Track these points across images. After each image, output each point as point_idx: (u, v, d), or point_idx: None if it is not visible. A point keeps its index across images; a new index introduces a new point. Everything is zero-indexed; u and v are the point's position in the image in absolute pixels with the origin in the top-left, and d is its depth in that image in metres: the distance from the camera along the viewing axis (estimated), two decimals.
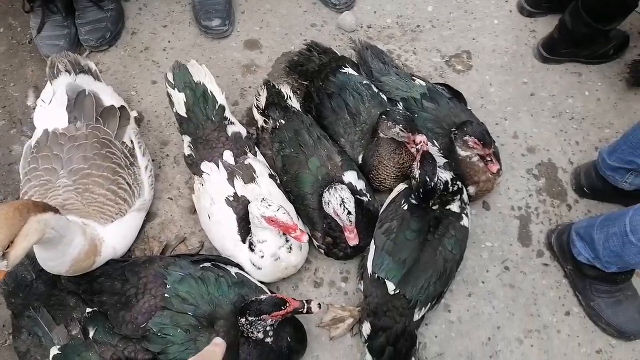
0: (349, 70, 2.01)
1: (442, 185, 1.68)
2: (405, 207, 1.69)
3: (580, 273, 1.78)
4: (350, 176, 1.76)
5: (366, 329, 1.60)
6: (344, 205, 1.59)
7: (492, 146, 1.74)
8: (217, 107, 1.84)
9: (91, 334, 1.47)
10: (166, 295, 1.49)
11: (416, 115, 1.87)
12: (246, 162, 1.76)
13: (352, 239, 1.62)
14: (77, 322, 1.49)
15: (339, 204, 1.60)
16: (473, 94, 2.24)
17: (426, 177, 1.62)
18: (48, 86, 1.78)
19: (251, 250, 1.64)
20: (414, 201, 1.69)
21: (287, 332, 1.51)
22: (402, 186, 1.79)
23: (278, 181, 1.81)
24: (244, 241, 1.66)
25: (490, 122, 2.12)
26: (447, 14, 2.47)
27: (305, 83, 2.11)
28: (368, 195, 1.78)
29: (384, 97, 1.96)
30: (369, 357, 1.59)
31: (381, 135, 1.75)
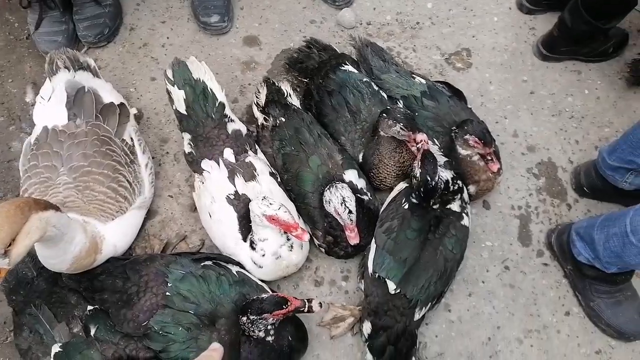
0: (349, 67, 2.00)
1: (443, 184, 1.68)
2: (406, 206, 1.69)
3: (580, 273, 1.79)
4: (351, 175, 1.76)
5: (367, 328, 1.60)
6: (345, 204, 1.59)
7: (493, 145, 1.74)
8: (217, 105, 1.83)
9: (92, 331, 1.47)
10: (167, 294, 1.49)
11: (416, 114, 1.87)
12: (247, 160, 1.76)
13: (352, 238, 1.62)
14: (79, 320, 1.49)
15: (340, 202, 1.60)
16: (473, 92, 2.24)
17: (427, 176, 1.62)
18: (47, 83, 1.77)
19: (252, 249, 1.63)
20: (414, 200, 1.69)
21: (288, 331, 1.52)
22: (402, 185, 1.79)
23: (279, 179, 1.81)
24: (245, 239, 1.66)
25: (490, 121, 2.12)
26: (447, 10, 2.46)
27: (305, 80, 2.10)
28: (369, 194, 1.78)
29: (384, 95, 1.95)
30: (369, 357, 1.59)
31: (382, 133, 1.75)
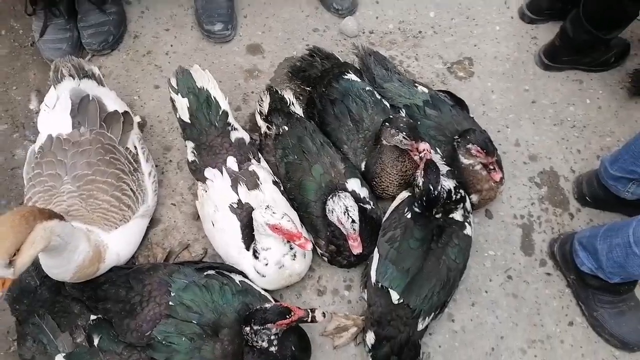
0: (351, 76, 2.01)
1: (445, 193, 1.68)
2: (409, 215, 1.69)
3: (583, 283, 1.78)
4: (354, 184, 1.76)
5: (370, 338, 1.59)
6: (348, 214, 1.59)
7: (495, 154, 1.75)
8: (220, 113, 1.83)
9: (96, 341, 1.46)
10: (171, 303, 1.48)
11: (419, 123, 1.87)
12: (250, 169, 1.76)
13: (355, 247, 1.62)
14: (82, 330, 1.48)
15: (343, 212, 1.60)
16: (475, 100, 2.24)
17: (430, 186, 1.62)
18: (52, 91, 1.77)
19: (255, 258, 1.63)
20: (417, 209, 1.69)
21: (291, 341, 1.51)
22: (404, 194, 1.79)
23: (282, 188, 1.81)
24: (248, 248, 1.66)
25: (492, 130, 2.12)
26: (449, 20, 2.47)
27: (308, 89, 2.11)
28: (371, 202, 1.78)
29: (386, 104, 1.96)
30: None
31: (384, 142, 1.75)
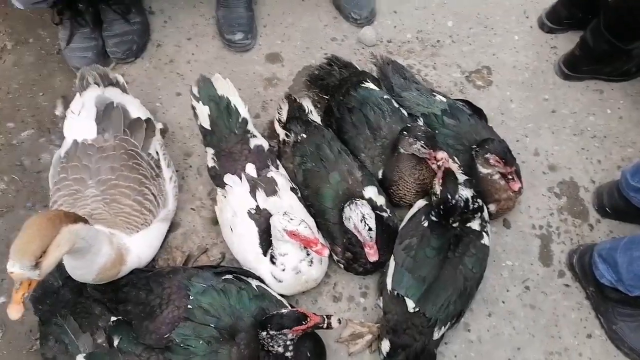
0: (369, 85, 2.02)
1: (463, 202, 1.68)
2: (426, 223, 1.69)
3: (602, 295, 1.76)
4: (371, 191, 1.77)
5: (385, 346, 1.59)
6: (365, 221, 1.60)
7: (514, 164, 1.74)
8: (240, 120, 1.86)
9: (116, 342, 1.49)
10: (189, 307, 1.50)
11: (437, 132, 1.88)
12: (268, 175, 1.78)
13: (372, 255, 1.62)
14: (103, 331, 1.51)
15: (359, 219, 1.61)
16: (493, 110, 2.24)
17: (447, 194, 1.63)
18: (77, 98, 1.81)
19: (272, 263, 1.65)
20: (434, 218, 1.69)
21: (307, 347, 1.52)
22: (421, 202, 1.79)
23: (299, 195, 1.82)
24: (265, 254, 1.67)
25: (510, 139, 2.11)
26: (467, 29, 2.48)
27: (326, 97, 2.13)
28: (388, 210, 1.78)
29: (404, 113, 1.97)
30: None
31: (402, 151, 1.76)
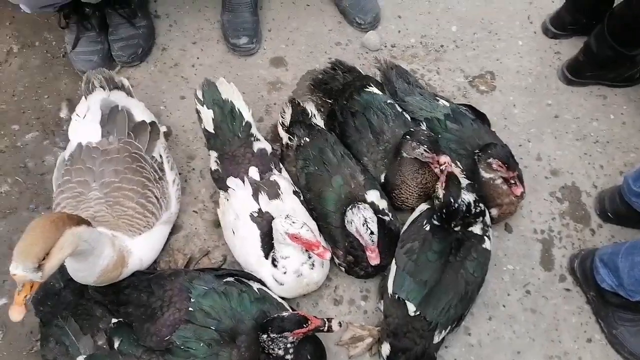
0: (373, 89, 2.03)
1: (465, 206, 1.69)
2: (428, 227, 1.69)
3: (603, 300, 1.76)
4: (373, 195, 1.78)
5: (385, 349, 1.60)
6: (367, 225, 1.61)
7: (516, 169, 1.74)
8: (243, 124, 1.87)
9: (116, 344, 1.49)
10: (190, 309, 1.51)
11: (440, 136, 1.88)
12: (271, 179, 1.79)
13: (373, 258, 1.63)
14: (104, 333, 1.52)
15: (361, 223, 1.61)
16: (496, 114, 2.24)
17: (450, 198, 1.63)
18: (83, 101, 1.83)
19: (274, 266, 1.65)
20: (436, 222, 1.70)
21: (307, 350, 1.52)
22: (423, 206, 1.79)
23: (302, 198, 1.83)
24: (267, 257, 1.68)
25: (513, 144, 2.11)
26: (471, 34, 2.48)
27: (330, 101, 2.13)
28: (390, 214, 1.79)
29: (407, 117, 1.97)
30: None
31: (405, 155, 1.76)
